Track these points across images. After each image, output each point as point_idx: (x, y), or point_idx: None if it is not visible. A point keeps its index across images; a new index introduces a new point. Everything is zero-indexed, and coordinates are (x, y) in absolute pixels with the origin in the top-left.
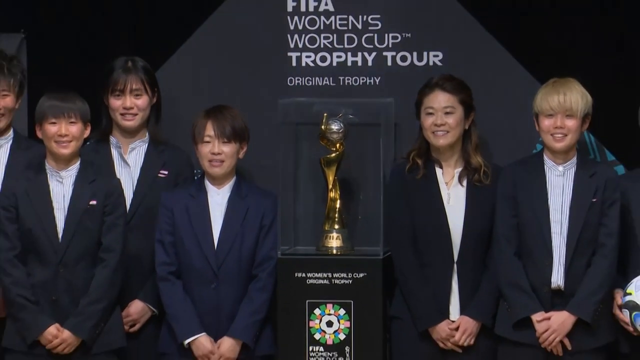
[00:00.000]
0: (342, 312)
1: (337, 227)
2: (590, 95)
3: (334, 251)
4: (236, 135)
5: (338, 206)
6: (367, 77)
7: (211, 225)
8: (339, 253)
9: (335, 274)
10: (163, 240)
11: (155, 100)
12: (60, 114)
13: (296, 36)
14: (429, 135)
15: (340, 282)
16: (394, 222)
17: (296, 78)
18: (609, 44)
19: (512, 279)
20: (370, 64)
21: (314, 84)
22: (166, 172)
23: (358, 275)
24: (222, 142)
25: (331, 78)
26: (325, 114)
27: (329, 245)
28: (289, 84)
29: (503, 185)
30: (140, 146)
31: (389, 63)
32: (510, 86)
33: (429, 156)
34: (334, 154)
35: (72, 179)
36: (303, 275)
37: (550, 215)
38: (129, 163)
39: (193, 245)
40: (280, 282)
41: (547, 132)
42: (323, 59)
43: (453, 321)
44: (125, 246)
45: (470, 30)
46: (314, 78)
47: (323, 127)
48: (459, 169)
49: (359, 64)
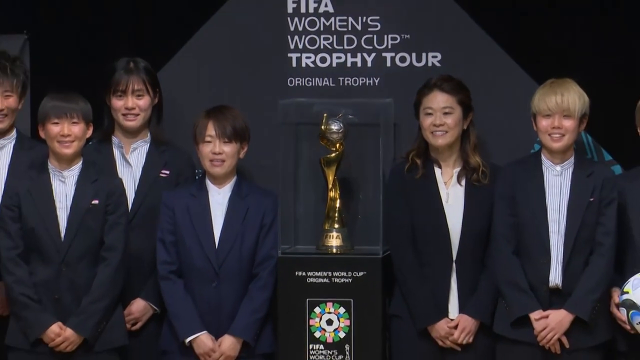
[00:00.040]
0: (342, 310)
1: (337, 226)
2: (588, 96)
3: (334, 250)
4: (237, 135)
5: (338, 205)
6: (367, 78)
7: (212, 225)
8: (338, 252)
9: (335, 272)
10: (164, 240)
11: (156, 101)
12: (63, 114)
13: (296, 37)
14: (428, 135)
15: (340, 280)
16: (393, 222)
17: (296, 79)
18: (609, 44)
19: (511, 277)
20: (369, 64)
21: (314, 85)
22: (167, 172)
23: (358, 274)
24: (223, 142)
25: (331, 79)
26: (325, 114)
27: (329, 245)
28: (289, 85)
29: (501, 185)
30: (142, 146)
31: (388, 64)
32: (508, 86)
33: (427, 156)
34: (333, 154)
35: (75, 179)
36: (303, 274)
37: (548, 214)
38: (130, 163)
39: (194, 245)
40: (280, 281)
41: (545, 132)
42: (323, 59)
43: (452, 319)
44: (127, 245)
45: (468, 31)
46: (314, 79)
47: (323, 127)
48: (458, 169)
49: (359, 64)
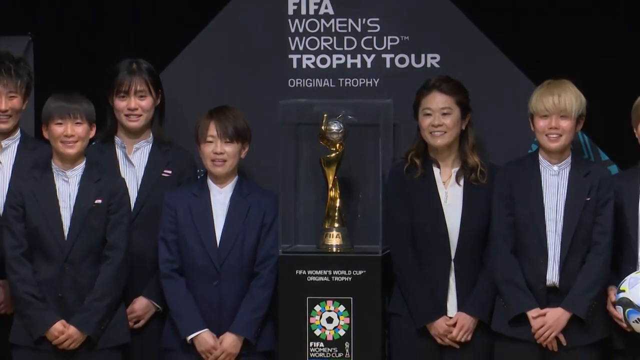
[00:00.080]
0: (341, 308)
1: (337, 225)
2: (587, 96)
3: (334, 249)
4: (238, 136)
5: (338, 205)
6: (366, 79)
7: (213, 224)
8: (338, 251)
9: (335, 271)
10: (166, 238)
11: (159, 102)
12: (66, 115)
13: (297, 39)
14: (427, 135)
15: (340, 279)
16: (392, 221)
17: (297, 79)
18: (609, 44)
19: (508, 276)
20: (369, 66)
21: (314, 86)
22: (170, 172)
23: (357, 273)
24: (224, 142)
25: (331, 80)
26: (325, 115)
27: (329, 243)
28: (290, 86)
29: (499, 185)
30: (145, 146)
31: (388, 65)
32: (506, 87)
33: (426, 156)
34: (333, 154)
35: (78, 179)
36: (304, 273)
37: (546, 213)
38: (133, 163)
39: (196, 244)
40: (281, 280)
41: (542, 133)
42: (323, 61)
43: (451, 317)
44: (129, 244)
45: (466, 32)
46: (314, 79)
47: (323, 127)
48: (456, 169)
49: (358, 66)
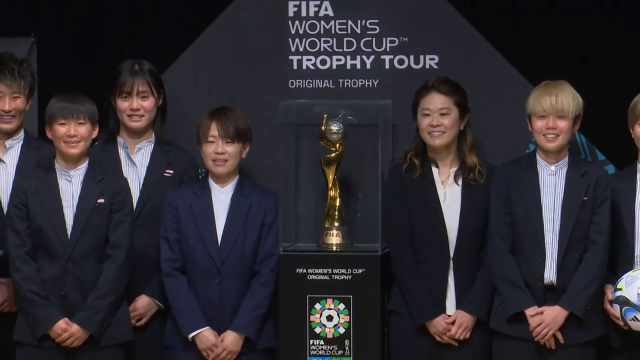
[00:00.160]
0: (341, 306)
1: (336, 224)
2: (586, 96)
3: (334, 248)
4: (239, 136)
5: (338, 204)
6: (366, 80)
7: (215, 223)
8: (338, 250)
9: (335, 269)
10: (168, 237)
11: (161, 102)
12: (69, 115)
13: (297, 40)
14: (426, 135)
15: (339, 277)
16: (391, 221)
17: (297, 80)
18: (608, 44)
19: (506, 274)
20: (368, 67)
21: (314, 86)
22: (171, 172)
23: (357, 271)
24: (225, 142)
25: (331, 80)
26: (325, 115)
27: (329, 242)
28: (290, 86)
29: (497, 184)
30: (147, 146)
31: (387, 66)
32: (504, 88)
33: (425, 156)
34: (333, 154)
35: (81, 178)
36: (304, 271)
37: (543, 213)
38: (135, 163)
39: (197, 242)
40: (281, 278)
41: (540, 133)
42: (323, 62)
43: (449, 315)
44: (131, 243)
45: (465, 34)
46: (314, 80)
47: (323, 127)
48: (455, 169)
49: (358, 67)
